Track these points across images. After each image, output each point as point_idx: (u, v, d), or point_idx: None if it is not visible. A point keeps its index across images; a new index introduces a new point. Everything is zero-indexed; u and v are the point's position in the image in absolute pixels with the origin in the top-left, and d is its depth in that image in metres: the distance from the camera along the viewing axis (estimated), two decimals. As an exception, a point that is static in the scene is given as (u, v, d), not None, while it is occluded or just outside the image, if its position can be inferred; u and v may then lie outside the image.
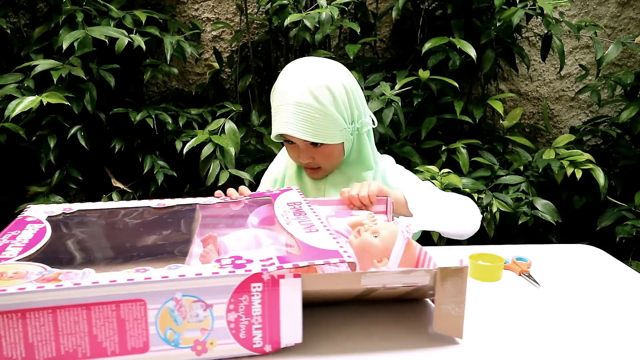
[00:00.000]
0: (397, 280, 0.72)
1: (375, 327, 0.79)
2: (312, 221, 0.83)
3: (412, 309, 0.84)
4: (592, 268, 1.06)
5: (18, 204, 1.83)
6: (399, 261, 0.80)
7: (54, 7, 1.90)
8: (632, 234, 1.80)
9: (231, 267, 0.67)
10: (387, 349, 0.74)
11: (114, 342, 0.65)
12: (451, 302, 0.74)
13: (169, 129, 1.93)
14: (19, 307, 0.62)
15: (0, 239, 0.80)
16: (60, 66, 1.75)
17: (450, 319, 0.74)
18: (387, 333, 0.77)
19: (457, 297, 0.74)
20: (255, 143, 2.04)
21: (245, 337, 0.69)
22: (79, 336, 0.64)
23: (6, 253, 0.75)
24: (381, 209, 1.02)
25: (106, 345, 0.65)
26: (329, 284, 0.71)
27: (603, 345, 0.77)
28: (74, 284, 0.63)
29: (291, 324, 0.70)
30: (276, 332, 0.69)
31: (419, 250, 0.84)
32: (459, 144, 1.92)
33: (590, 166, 1.81)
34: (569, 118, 2.35)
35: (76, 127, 1.85)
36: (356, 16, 2.10)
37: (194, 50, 2.00)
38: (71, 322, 0.64)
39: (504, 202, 1.82)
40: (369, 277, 0.71)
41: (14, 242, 0.79)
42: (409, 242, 0.82)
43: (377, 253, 0.81)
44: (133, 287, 0.64)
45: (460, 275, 0.72)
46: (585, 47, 2.28)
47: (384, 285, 0.72)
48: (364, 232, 0.83)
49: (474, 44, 1.84)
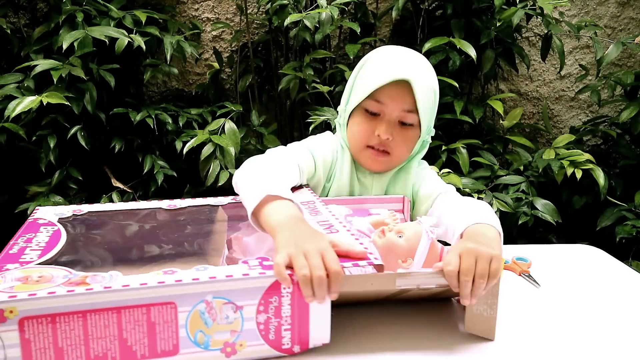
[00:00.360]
0: (431, 281, 0.72)
1: (402, 327, 0.79)
2: (330, 221, 0.82)
3: (437, 309, 0.84)
4: (592, 268, 1.06)
5: (18, 204, 1.83)
6: (424, 261, 0.80)
7: (54, 7, 1.89)
8: (632, 234, 1.80)
9: (260, 268, 0.67)
10: (412, 349, 0.74)
11: (144, 346, 0.65)
12: (483, 304, 0.74)
13: (169, 129, 1.93)
14: (49, 311, 0.61)
15: (16, 242, 0.79)
16: (60, 66, 1.75)
17: (482, 320, 0.75)
18: (414, 333, 0.78)
19: (490, 298, 0.74)
20: (255, 143, 2.04)
21: (275, 338, 0.69)
22: (108, 340, 0.64)
23: (26, 257, 0.74)
24: (398, 207, 1.02)
25: (136, 349, 0.65)
26: (364, 285, 0.70)
27: (603, 345, 0.77)
28: (104, 287, 0.63)
29: (320, 325, 0.70)
30: (305, 333, 0.70)
31: (441, 250, 0.84)
32: (459, 144, 1.92)
33: (590, 166, 1.80)
34: (569, 118, 2.35)
35: (76, 127, 1.85)
36: (356, 16, 2.10)
37: (194, 50, 2.00)
38: (101, 326, 0.63)
39: (504, 202, 1.82)
40: (403, 278, 0.70)
41: (31, 245, 0.79)
42: (432, 242, 0.82)
43: (402, 253, 0.81)
44: (164, 290, 0.63)
45: None
46: (585, 47, 2.28)
47: (417, 286, 0.72)
48: (389, 232, 0.83)
49: (474, 44, 1.84)
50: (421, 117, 0.98)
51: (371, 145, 1.01)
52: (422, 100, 0.97)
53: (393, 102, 0.98)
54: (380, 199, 1.03)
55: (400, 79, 0.95)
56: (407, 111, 0.98)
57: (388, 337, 0.76)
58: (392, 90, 0.96)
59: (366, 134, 1.01)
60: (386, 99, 0.98)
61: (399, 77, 0.95)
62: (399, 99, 0.97)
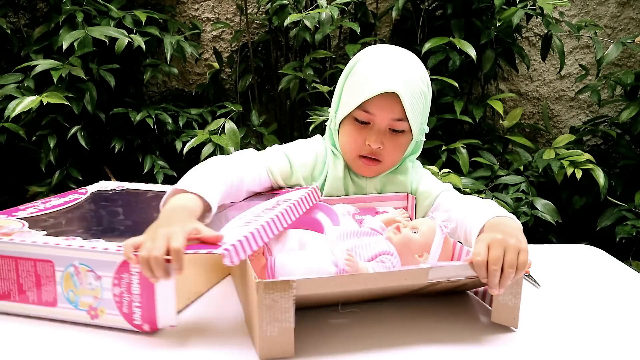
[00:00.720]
0: (461, 273, 0.75)
1: (422, 320, 0.82)
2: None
3: (453, 302, 0.87)
4: (592, 268, 1.06)
5: (18, 204, 1.83)
6: (439, 255, 0.82)
7: (54, 7, 1.89)
8: (632, 234, 1.80)
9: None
10: (434, 342, 0.76)
11: (34, 293, 0.79)
12: (508, 294, 0.78)
13: (169, 129, 1.93)
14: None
15: (41, 201, 1.00)
16: (60, 66, 1.75)
17: (507, 309, 0.79)
18: (435, 326, 0.80)
19: (514, 288, 0.78)
20: (255, 143, 2.04)
21: (128, 312, 0.75)
22: (10, 282, 0.79)
23: (21, 212, 0.93)
24: (402, 204, 1.04)
25: (28, 295, 0.79)
26: (399, 280, 0.73)
27: (603, 345, 0.77)
28: (9, 239, 0.78)
29: (166, 307, 0.74)
30: (152, 313, 0.74)
31: (453, 243, 0.88)
32: (459, 144, 1.92)
33: (590, 166, 1.80)
34: (569, 118, 2.35)
35: (76, 127, 1.85)
36: (356, 16, 2.10)
37: (194, 50, 2.00)
38: (5, 270, 0.79)
39: (504, 202, 1.82)
40: (435, 271, 0.73)
41: (38, 204, 0.98)
42: (445, 237, 0.85)
43: (418, 248, 0.83)
44: (45, 249, 0.77)
45: None
46: (585, 47, 2.28)
47: (448, 278, 0.75)
48: (404, 229, 0.85)
49: (474, 44, 1.84)
50: (411, 123, 0.98)
51: (363, 155, 1.02)
52: (410, 109, 0.96)
53: (382, 112, 0.97)
54: (385, 197, 1.04)
55: (386, 91, 0.95)
56: (397, 120, 0.98)
57: (414, 330, 0.79)
58: (381, 101, 0.96)
59: (357, 144, 1.01)
60: (375, 109, 0.98)
61: (386, 90, 0.95)
62: (387, 108, 0.97)
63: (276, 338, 0.69)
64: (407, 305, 0.86)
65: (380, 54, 1.02)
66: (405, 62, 1.00)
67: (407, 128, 0.99)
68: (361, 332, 0.78)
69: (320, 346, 0.74)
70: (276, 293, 0.67)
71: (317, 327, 0.78)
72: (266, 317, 0.68)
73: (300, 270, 0.75)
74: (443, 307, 0.86)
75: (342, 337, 0.76)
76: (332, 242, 0.83)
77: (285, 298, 0.68)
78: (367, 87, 0.96)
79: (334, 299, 0.80)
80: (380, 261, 0.79)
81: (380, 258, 0.80)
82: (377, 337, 0.76)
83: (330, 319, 0.81)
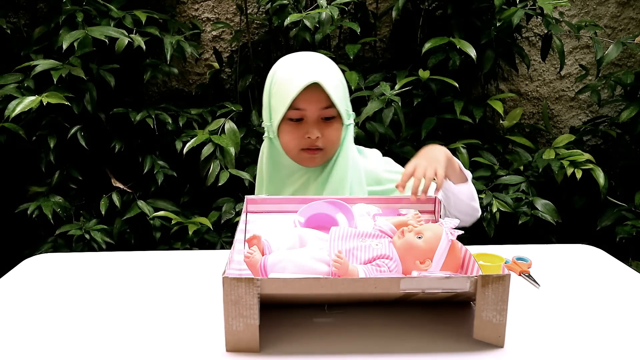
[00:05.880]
0: (436, 286, 0.72)
1: (409, 329, 0.80)
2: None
3: (453, 313, 0.83)
4: (592, 268, 1.06)
5: (18, 204, 1.83)
6: (442, 263, 0.79)
7: (54, 7, 1.90)
8: (632, 234, 1.80)
9: None
10: (416, 352, 0.75)
11: None
12: (492, 310, 0.73)
13: (169, 129, 1.93)
14: None
15: None
16: (60, 66, 1.75)
17: (491, 326, 0.74)
18: (421, 336, 0.78)
19: (499, 304, 0.72)
20: (255, 143, 2.04)
21: None
22: None
23: None
24: (429, 209, 1.02)
25: None
26: (368, 288, 0.71)
27: (603, 345, 0.77)
28: None
29: None
30: None
31: (464, 252, 0.83)
32: (459, 144, 1.92)
33: (590, 166, 1.80)
34: (569, 118, 2.35)
35: (76, 127, 1.85)
36: (356, 16, 2.10)
37: (194, 50, 2.00)
38: None
39: (504, 202, 1.82)
40: (407, 282, 0.71)
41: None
42: (453, 244, 0.81)
43: (421, 254, 0.80)
44: None
45: (502, 283, 0.71)
46: (585, 47, 2.28)
47: (422, 290, 0.72)
48: (408, 233, 0.83)
49: (474, 44, 1.84)
50: (338, 108, 1.09)
51: (304, 148, 1.12)
52: (335, 95, 1.08)
53: (311, 104, 1.08)
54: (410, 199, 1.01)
55: (309, 83, 1.05)
56: (326, 107, 1.09)
57: (394, 339, 0.77)
58: (306, 95, 1.07)
59: (298, 140, 1.11)
60: (304, 104, 1.08)
61: (308, 82, 1.05)
62: (314, 100, 1.08)
63: (242, 333, 0.71)
64: (400, 311, 0.83)
65: (294, 57, 1.13)
66: (318, 58, 1.13)
67: (336, 114, 1.11)
68: (340, 334, 0.77)
69: (291, 344, 0.74)
70: (241, 289, 0.69)
71: (298, 325, 0.79)
72: (232, 311, 0.70)
73: (290, 269, 0.75)
74: (436, 317, 0.83)
75: (316, 337, 0.76)
76: (332, 242, 0.83)
77: (250, 295, 0.69)
78: (292, 86, 1.07)
79: (318, 299, 0.78)
80: (376, 265, 0.78)
81: (377, 262, 0.78)
82: (353, 341, 0.75)
83: (317, 317, 0.81)
